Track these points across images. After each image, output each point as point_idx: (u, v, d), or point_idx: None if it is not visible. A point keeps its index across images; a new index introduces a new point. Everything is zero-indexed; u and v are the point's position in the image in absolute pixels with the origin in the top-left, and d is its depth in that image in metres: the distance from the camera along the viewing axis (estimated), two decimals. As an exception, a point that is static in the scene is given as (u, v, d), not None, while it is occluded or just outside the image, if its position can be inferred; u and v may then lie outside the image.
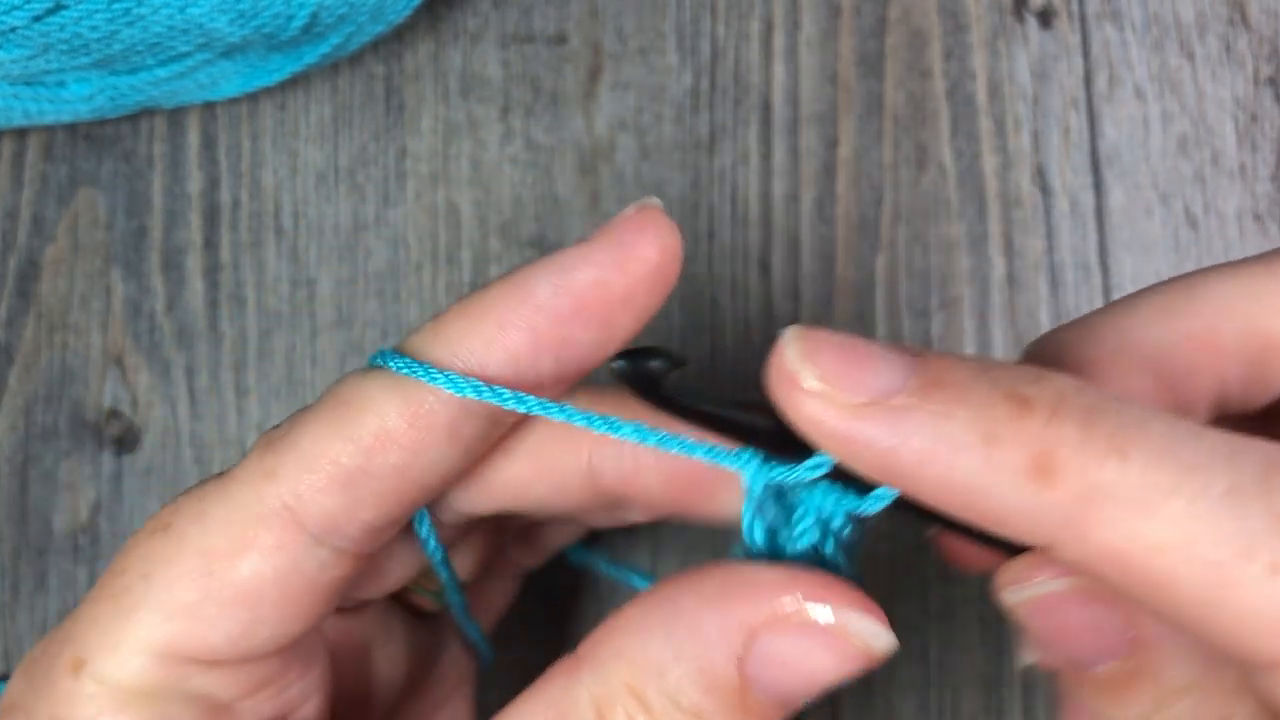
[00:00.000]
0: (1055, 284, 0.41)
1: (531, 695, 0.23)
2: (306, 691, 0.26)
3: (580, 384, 0.26)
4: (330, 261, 0.42)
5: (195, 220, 0.43)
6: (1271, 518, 0.18)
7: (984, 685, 0.40)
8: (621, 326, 0.24)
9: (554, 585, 0.40)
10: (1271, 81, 0.42)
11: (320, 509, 0.23)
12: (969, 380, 0.20)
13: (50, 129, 0.43)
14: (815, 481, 0.23)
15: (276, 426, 0.25)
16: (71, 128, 0.43)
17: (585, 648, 0.23)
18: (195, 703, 0.24)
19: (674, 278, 0.24)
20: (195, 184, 0.43)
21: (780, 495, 0.24)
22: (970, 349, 0.41)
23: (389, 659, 0.30)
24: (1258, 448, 0.19)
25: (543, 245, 0.42)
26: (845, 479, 0.23)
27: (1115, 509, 0.19)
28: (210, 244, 0.42)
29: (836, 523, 0.24)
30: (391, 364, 0.24)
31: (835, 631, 0.22)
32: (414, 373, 0.23)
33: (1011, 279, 0.41)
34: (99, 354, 0.42)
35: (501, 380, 0.24)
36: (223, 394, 0.42)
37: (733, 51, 0.43)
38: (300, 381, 0.42)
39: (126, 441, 0.42)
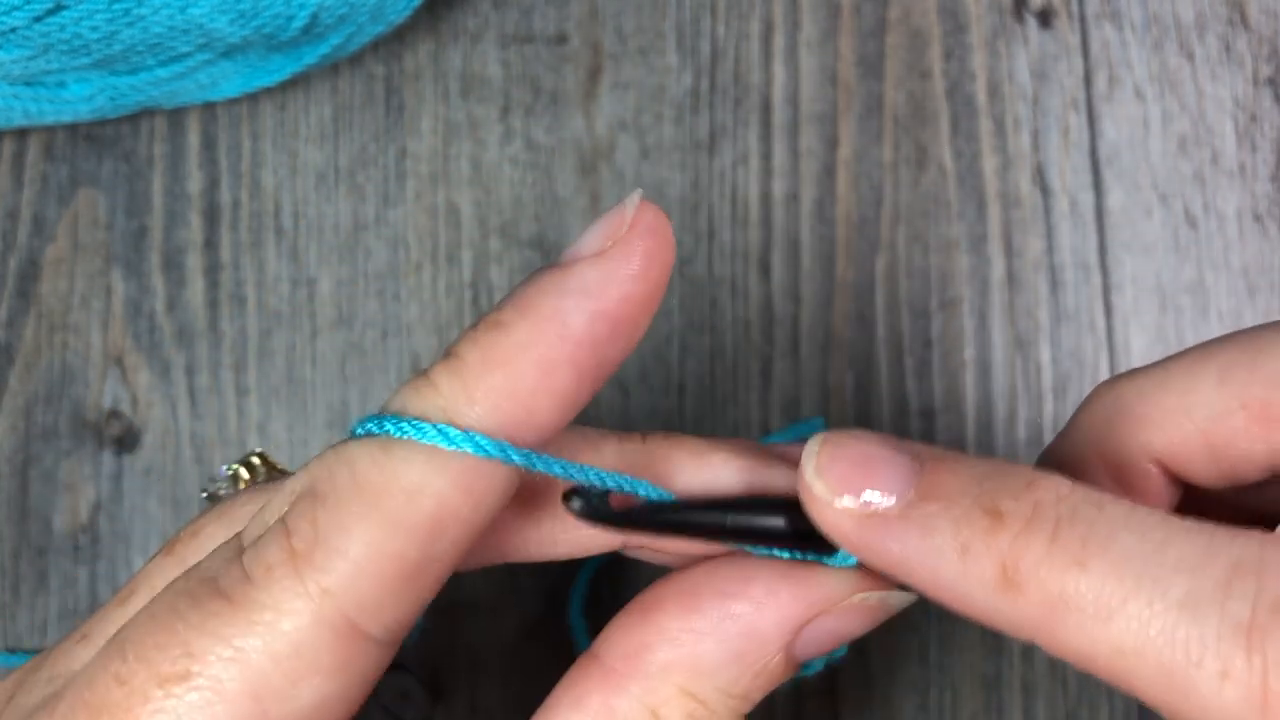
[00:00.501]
0: (1055, 284, 0.41)
1: (564, 708, 0.23)
2: None
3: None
4: (330, 261, 0.42)
5: (195, 220, 0.43)
6: (1224, 626, 0.19)
7: (984, 685, 0.40)
8: (641, 330, 0.23)
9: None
10: (1271, 82, 0.42)
11: (390, 616, 0.21)
12: (956, 494, 0.22)
13: (51, 129, 0.43)
14: None
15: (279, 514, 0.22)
16: (72, 128, 0.43)
17: (621, 660, 0.23)
18: None
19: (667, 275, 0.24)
20: (195, 184, 0.43)
21: None
22: (970, 349, 0.41)
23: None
24: (1230, 551, 0.20)
25: (543, 245, 0.42)
26: None
27: (1077, 616, 0.20)
28: (210, 244, 0.43)
29: None
30: (414, 433, 0.21)
31: (878, 608, 0.25)
32: (452, 444, 0.21)
33: (1011, 279, 0.41)
34: (99, 354, 0.42)
35: (552, 426, 0.22)
36: (223, 394, 0.42)
37: (733, 52, 0.43)
38: (300, 381, 0.42)
39: (127, 441, 0.42)
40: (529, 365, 0.21)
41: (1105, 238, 0.41)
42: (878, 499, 0.22)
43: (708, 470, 0.25)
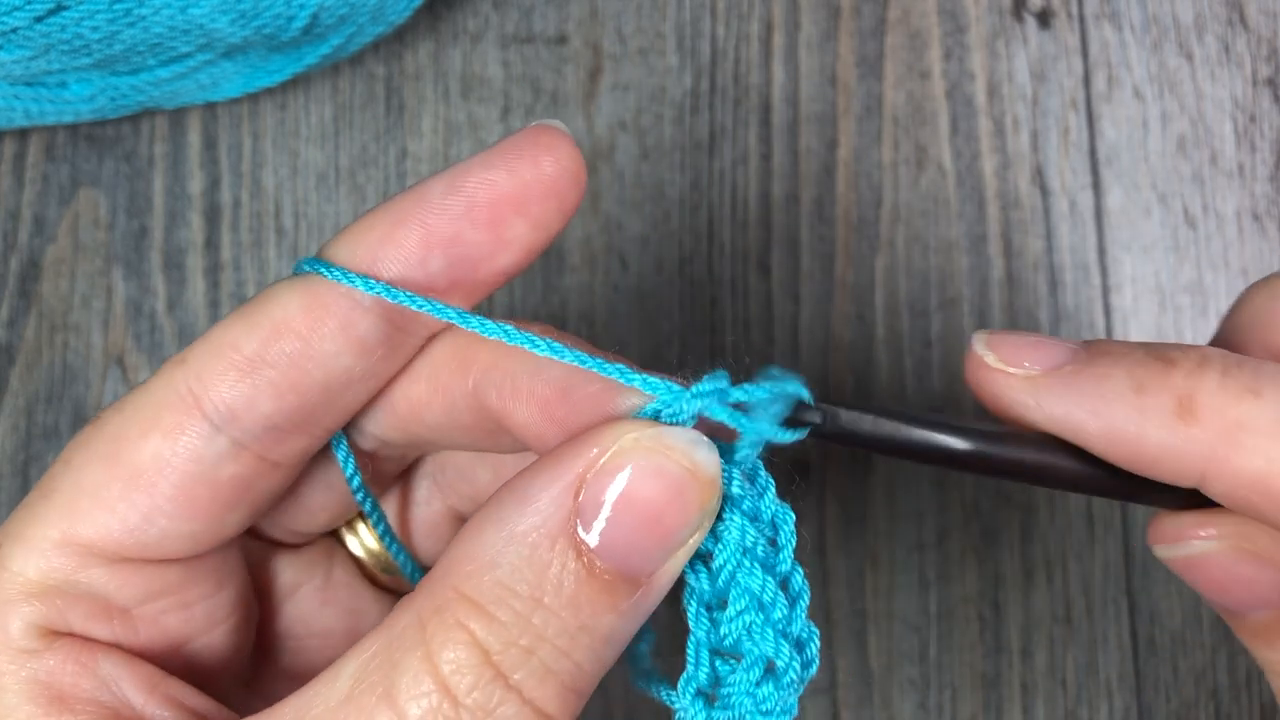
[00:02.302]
0: (1054, 284, 0.41)
1: (364, 638, 0.22)
2: (215, 615, 0.26)
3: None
4: (331, 262, 0.42)
5: (196, 220, 0.43)
6: None
7: (984, 685, 0.40)
8: (514, 232, 0.25)
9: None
10: (1270, 82, 0.42)
11: (219, 394, 0.24)
12: (1125, 349, 0.24)
13: (51, 129, 0.43)
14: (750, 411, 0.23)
15: None
16: (73, 128, 0.43)
17: (421, 581, 0.23)
18: (92, 601, 0.24)
19: (573, 196, 0.25)
20: (196, 184, 0.43)
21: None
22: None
23: (337, 616, 0.30)
24: None
25: (543, 245, 0.42)
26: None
27: (1253, 438, 0.22)
28: (211, 244, 0.43)
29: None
30: (305, 267, 0.25)
31: (655, 452, 0.22)
32: (314, 269, 0.25)
33: (1011, 279, 0.41)
34: (100, 354, 0.42)
35: (393, 276, 0.25)
36: (223, 394, 0.42)
37: (733, 52, 0.43)
38: (301, 381, 0.42)
39: (127, 441, 0.42)
40: (386, 219, 0.25)
41: (1104, 238, 0.42)
42: (1048, 365, 0.24)
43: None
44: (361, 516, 0.30)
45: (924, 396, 0.41)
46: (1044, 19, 0.42)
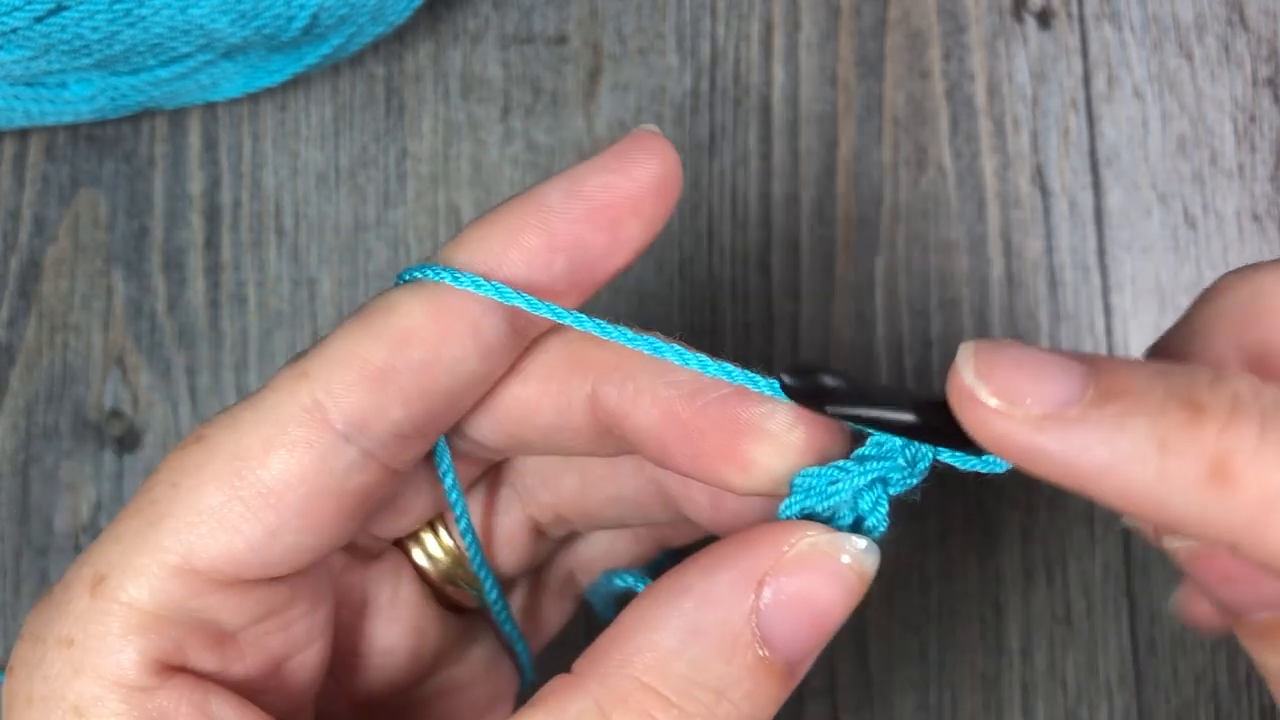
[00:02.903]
0: (1054, 284, 0.41)
1: (522, 713, 0.22)
2: (312, 633, 0.26)
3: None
4: (331, 262, 0.42)
5: (196, 220, 0.43)
6: None
7: (984, 685, 0.40)
8: (629, 233, 0.25)
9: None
10: (1270, 82, 0.42)
11: (350, 405, 0.24)
12: (1143, 388, 0.20)
13: (52, 129, 0.43)
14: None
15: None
16: (73, 128, 0.43)
17: (584, 664, 0.23)
18: (204, 629, 0.24)
19: (675, 195, 0.25)
20: (196, 184, 0.43)
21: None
22: (970, 349, 0.41)
23: (402, 633, 0.29)
24: None
25: (543, 245, 0.42)
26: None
27: None
28: (211, 244, 0.43)
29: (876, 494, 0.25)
30: (417, 274, 0.25)
31: (833, 558, 0.23)
32: (438, 276, 0.24)
33: (1010, 279, 0.41)
34: (100, 354, 0.42)
35: (517, 280, 0.25)
36: (224, 394, 0.42)
37: (733, 52, 0.43)
38: (301, 381, 0.42)
39: (127, 441, 0.42)
40: (506, 224, 0.25)
41: (1104, 238, 0.42)
42: (1051, 404, 0.20)
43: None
44: (432, 526, 0.30)
45: (924, 397, 0.41)
46: (1044, 19, 0.42)
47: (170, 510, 0.23)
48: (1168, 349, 0.25)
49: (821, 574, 0.23)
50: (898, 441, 0.24)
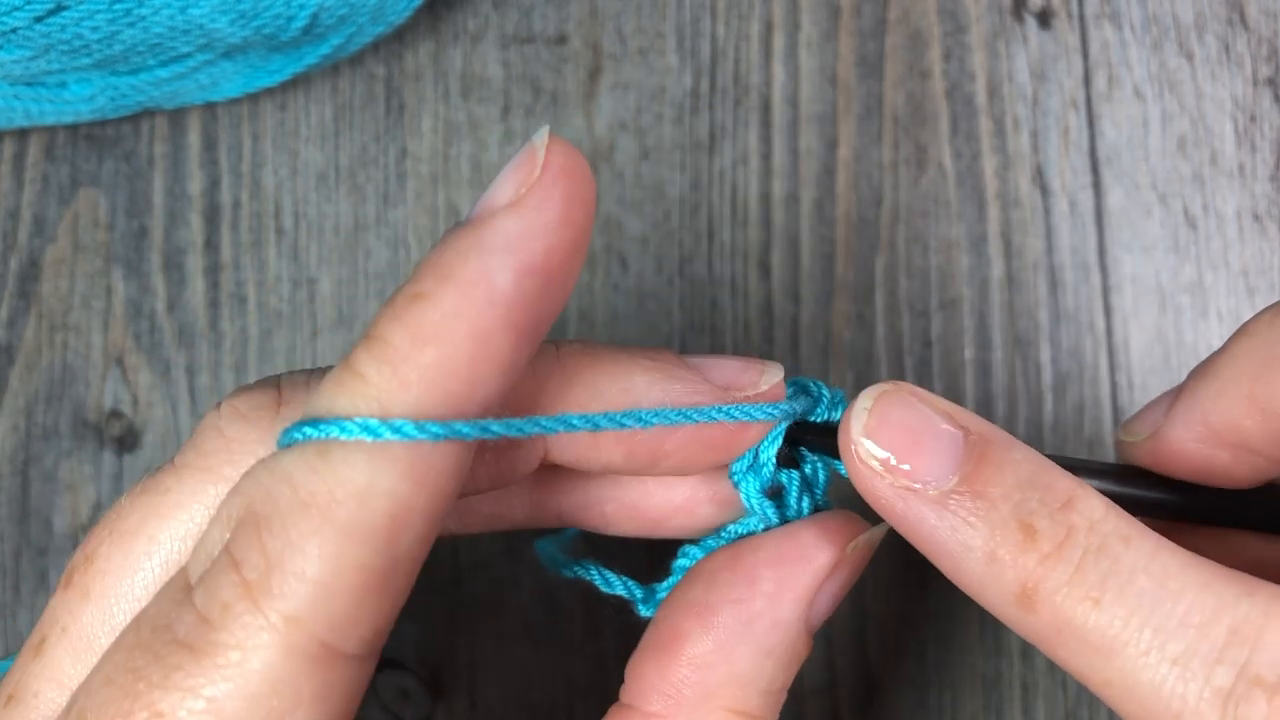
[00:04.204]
0: (1054, 284, 0.41)
1: None
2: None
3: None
4: (331, 262, 0.42)
5: (196, 220, 0.43)
6: (1207, 689, 0.21)
7: (983, 685, 0.40)
8: (574, 278, 0.22)
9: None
10: (1270, 82, 0.42)
11: (363, 628, 0.19)
12: (999, 495, 0.22)
13: (51, 129, 0.43)
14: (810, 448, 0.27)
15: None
16: (72, 128, 0.43)
17: (661, 703, 0.24)
18: None
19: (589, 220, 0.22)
20: (196, 184, 0.43)
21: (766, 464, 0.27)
22: (970, 349, 0.41)
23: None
24: (1236, 611, 0.21)
25: (543, 245, 0.42)
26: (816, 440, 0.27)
27: (1079, 645, 0.22)
28: (211, 244, 0.43)
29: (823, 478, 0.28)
30: (355, 432, 0.19)
31: (865, 555, 0.26)
32: (400, 434, 0.19)
33: (1011, 279, 0.41)
34: (100, 354, 0.42)
35: (493, 393, 0.20)
36: (223, 394, 0.42)
37: (733, 52, 0.43)
38: (301, 381, 0.42)
39: (127, 441, 0.42)
40: (462, 337, 0.19)
41: (1105, 238, 0.42)
42: (920, 478, 0.23)
43: (630, 393, 0.24)
44: None
45: (924, 396, 0.41)
46: (1044, 19, 0.42)
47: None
48: (1193, 389, 0.26)
49: (853, 567, 0.26)
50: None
